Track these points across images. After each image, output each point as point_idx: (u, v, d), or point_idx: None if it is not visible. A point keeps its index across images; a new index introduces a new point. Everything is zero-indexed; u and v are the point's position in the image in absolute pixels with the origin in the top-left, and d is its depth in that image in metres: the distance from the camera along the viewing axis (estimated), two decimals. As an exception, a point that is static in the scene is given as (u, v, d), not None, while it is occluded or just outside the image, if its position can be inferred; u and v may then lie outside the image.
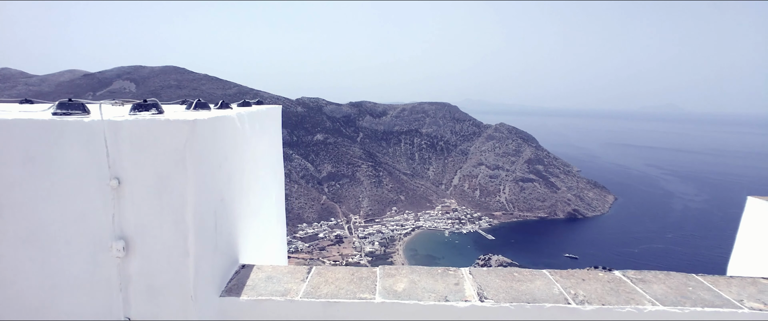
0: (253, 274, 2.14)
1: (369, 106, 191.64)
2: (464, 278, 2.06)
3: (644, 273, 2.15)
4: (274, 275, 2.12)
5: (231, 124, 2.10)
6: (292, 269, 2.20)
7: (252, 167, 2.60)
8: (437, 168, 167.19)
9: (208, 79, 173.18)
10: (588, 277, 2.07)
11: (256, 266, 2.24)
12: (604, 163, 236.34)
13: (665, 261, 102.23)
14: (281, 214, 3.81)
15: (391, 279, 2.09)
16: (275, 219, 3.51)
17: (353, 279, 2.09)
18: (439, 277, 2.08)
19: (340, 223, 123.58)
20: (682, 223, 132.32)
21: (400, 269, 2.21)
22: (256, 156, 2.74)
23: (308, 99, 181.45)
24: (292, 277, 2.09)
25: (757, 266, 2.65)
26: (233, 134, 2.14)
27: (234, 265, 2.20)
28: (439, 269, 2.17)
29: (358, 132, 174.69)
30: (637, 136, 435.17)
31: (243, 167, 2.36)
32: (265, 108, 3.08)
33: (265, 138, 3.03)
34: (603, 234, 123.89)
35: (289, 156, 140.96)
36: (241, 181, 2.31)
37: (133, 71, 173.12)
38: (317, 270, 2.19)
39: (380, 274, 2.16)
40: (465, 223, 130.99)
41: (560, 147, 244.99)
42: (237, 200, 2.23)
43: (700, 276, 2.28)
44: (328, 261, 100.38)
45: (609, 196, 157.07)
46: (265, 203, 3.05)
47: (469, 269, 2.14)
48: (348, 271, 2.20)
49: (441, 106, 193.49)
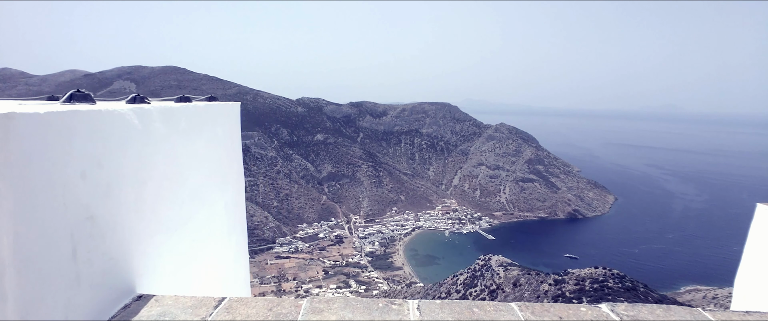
0: (145, 309, 1.76)
1: (369, 106, 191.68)
2: (408, 315, 1.71)
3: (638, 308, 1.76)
4: (171, 310, 1.76)
5: (110, 121, 1.71)
6: (198, 302, 1.84)
7: (169, 173, 2.19)
8: (437, 168, 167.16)
9: (208, 79, 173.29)
10: (567, 315, 1.71)
11: (156, 298, 1.86)
12: (604, 163, 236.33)
13: (665, 261, 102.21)
14: (235, 229, 3.25)
15: (318, 316, 1.72)
16: (222, 235, 2.97)
17: (270, 315, 1.74)
18: (378, 314, 1.72)
19: (340, 224, 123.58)
20: (682, 223, 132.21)
21: (331, 303, 1.84)
22: (179, 160, 2.32)
23: (308, 99, 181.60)
24: (194, 312, 1.74)
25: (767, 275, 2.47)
26: (116, 133, 1.75)
27: (124, 296, 1.82)
28: (381, 302, 1.81)
29: (359, 132, 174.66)
30: (637, 136, 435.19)
31: (146, 175, 1.96)
32: (198, 105, 2.63)
33: (200, 140, 2.59)
34: (603, 234, 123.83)
35: (290, 156, 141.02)
36: (138, 192, 1.90)
37: (133, 71, 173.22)
38: (229, 303, 1.83)
39: (306, 309, 1.79)
40: (465, 223, 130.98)
41: (561, 147, 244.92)
42: (127, 216, 1.82)
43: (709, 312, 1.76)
44: (329, 261, 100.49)
45: (609, 196, 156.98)
46: (199, 217, 2.59)
47: (418, 303, 1.80)
48: (266, 304, 1.84)
49: (441, 106, 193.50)
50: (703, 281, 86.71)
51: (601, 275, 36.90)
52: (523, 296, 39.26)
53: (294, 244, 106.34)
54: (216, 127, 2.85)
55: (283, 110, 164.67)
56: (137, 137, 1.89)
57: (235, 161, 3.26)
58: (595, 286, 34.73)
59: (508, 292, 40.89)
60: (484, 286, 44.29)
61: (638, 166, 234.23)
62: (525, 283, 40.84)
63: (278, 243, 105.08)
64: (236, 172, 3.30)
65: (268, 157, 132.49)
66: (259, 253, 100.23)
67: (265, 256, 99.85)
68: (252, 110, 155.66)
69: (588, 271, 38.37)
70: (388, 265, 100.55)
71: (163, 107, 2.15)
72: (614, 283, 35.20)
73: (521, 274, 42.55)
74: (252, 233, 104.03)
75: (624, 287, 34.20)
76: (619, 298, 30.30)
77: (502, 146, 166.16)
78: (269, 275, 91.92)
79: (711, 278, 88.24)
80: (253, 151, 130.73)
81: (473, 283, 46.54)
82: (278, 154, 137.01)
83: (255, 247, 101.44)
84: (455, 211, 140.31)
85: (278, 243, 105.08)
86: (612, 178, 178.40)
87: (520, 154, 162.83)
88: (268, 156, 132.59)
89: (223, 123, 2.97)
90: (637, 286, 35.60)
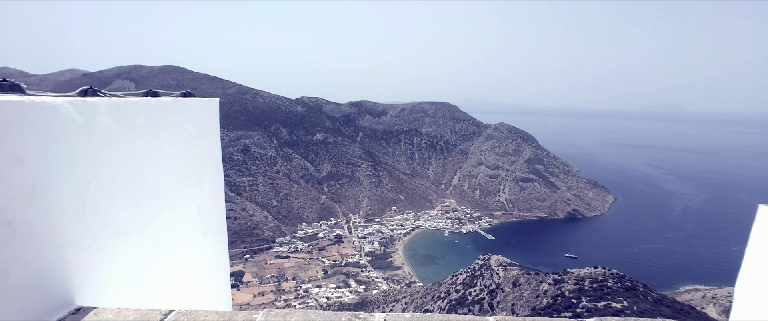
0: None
1: (369, 105, 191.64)
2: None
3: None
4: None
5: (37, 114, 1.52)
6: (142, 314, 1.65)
7: (121, 173, 2.02)
8: (437, 168, 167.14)
9: (207, 78, 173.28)
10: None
11: (95, 311, 1.69)
12: (604, 162, 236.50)
13: (665, 261, 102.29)
14: (211, 233, 3.01)
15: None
16: (193, 240, 2.76)
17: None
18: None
19: (339, 223, 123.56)
20: (681, 223, 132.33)
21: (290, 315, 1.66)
22: (135, 159, 2.12)
23: (308, 99, 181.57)
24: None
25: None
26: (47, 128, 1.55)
27: (59, 309, 1.63)
28: (345, 316, 1.63)
29: (358, 132, 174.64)
30: (637, 136, 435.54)
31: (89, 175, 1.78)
32: (163, 101, 2.41)
33: (164, 137, 2.38)
34: (603, 234, 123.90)
35: (289, 155, 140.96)
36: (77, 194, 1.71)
37: (132, 71, 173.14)
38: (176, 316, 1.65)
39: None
40: (465, 222, 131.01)
41: (560, 146, 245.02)
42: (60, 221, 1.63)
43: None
44: (328, 260, 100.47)
45: (609, 195, 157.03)
46: (162, 220, 2.38)
47: (385, 316, 1.63)
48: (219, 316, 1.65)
49: (441, 106, 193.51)
50: (703, 281, 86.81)
51: (601, 275, 36.88)
52: (523, 296, 39.24)
53: (293, 244, 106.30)
54: (187, 124, 2.63)
55: (282, 110, 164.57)
56: (77, 133, 1.70)
57: (211, 160, 3.00)
58: (595, 285, 34.70)
59: (508, 292, 40.85)
60: (484, 286, 44.25)
61: (638, 166, 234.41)
62: (524, 283, 40.81)
63: (278, 242, 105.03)
64: (213, 172, 3.03)
65: (268, 156, 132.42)
66: (258, 253, 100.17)
67: (265, 255, 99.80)
68: (251, 109, 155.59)
69: (587, 271, 38.36)
70: (388, 264, 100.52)
71: (114, 101, 1.97)
72: (613, 282, 35.17)
73: (521, 274, 42.52)
74: (251, 233, 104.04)
75: (623, 287, 34.16)
76: (618, 298, 30.30)
77: (501, 146, 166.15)
78: (269, 275, 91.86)
79: (710, 278, 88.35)
80: (252, 151, 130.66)
81: (473, 283, 46.50)
82: (278, 153, 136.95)
83: (254, 246, 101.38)
84: (455, 210, 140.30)
85: (278, 242, 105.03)
86: (612, 178, 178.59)
87: (520, 153, 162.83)
88: (267, 155, 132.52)
89: (197, 120, 2.73)
90: (637, 285, 35.55)
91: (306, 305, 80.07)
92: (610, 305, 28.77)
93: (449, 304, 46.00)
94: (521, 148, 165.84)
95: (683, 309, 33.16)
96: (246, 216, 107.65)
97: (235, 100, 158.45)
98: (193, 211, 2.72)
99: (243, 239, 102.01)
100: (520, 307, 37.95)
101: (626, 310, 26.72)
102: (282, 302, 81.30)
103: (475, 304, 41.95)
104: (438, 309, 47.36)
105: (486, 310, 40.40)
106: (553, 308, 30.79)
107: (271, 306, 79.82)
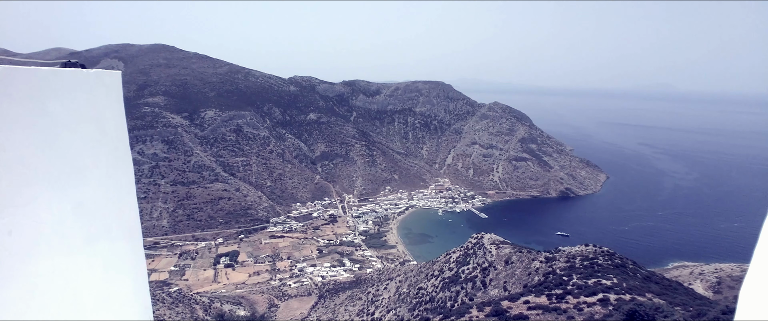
0: None
1: (362, 84, 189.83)
2: None
3: None
4: None
5: None
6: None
7: None
8: (431, 147, 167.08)
9: (198, 57, 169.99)
10: None
11: None
12: (597, 142, 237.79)
13: (655, 239, 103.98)
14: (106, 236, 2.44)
15: None
16: (74, 245, 2.22)
17: None
18: None
19: (334, 203, 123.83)
20: (672, 201, 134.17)
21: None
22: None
23: (301, 78, 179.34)
24: None
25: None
26: None
27: None
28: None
29: (352, 111, 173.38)
30: (630, 115, 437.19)
31: None
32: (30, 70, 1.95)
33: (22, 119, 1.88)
34: (594, 212, 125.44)
35: (282, 135, 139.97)
36: None
37: (120, 49, 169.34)
38: None
39: None
40: (458, 201, 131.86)
41: (554, 126, 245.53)
42: None
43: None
44: (323, 240, 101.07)
45: (601, 174, 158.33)
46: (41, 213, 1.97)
47: None
48: None
49: (435, 85, 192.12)
50: (691, 258, 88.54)
51: (592, 253, 37.25)
52: (515, 273, 39.67)
53: (288, 224, 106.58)
54: (68, 103, 2.06)
55: (275, 89, 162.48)
56: None
57: (107, 147, 2.35)
58: (585, 263, 35.07)
59: (500, 270, 41.27)
60: (477, 264, 44.67)
61: (631, 145, 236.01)
62: (516, 261, 41.21)
63: (272, 222, 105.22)
64: (108, 162, 2.40)
65: (261, 136, 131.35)
66: (253, 233, 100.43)
67: (259, 235, 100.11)
68: (244, 89, 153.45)
69: (578, 249, 38.73)
70: (382, 243, 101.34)
71: None
72: (604, 260, 35.55)
73: (513, 252, 42.90)
74: (245, 213, 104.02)
75: (613, 264, 34.56)
76: (608, 275, 30.64)
77: (495, 125, 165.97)
78: (263, 255, 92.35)
79: (698, 255, 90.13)
80: (245, 131, 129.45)
81: (466, 261, 46.93)
82: (271, 133, 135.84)
83: (249, 226, 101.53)
84: (448, 189, 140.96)
85: (272, 222, 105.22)
86: (604, 157, 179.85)
87: (514, 132, 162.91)
88: (260, 135, 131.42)
89: (85, 98, 2.16)
90: (626, 263, 35.99)
91: (301, 284, 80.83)
92: (601, 282, 29.10)
93: (443, 282, 46.51)
94: (515, 127, 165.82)
95: (671, 285, 33.68)
96: (240, 196, 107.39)
97: (226, 79, 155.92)
98: (68, 212, 2.13)
99: (237, 219, 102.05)
100: (512, 284, 38.41)
101: (616, 287, 27.03)
102: (277, 281, 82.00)
103: (468, 281, 42.40)
104: (432, 287, 47.90)
105: (479, 287, 40.87)
106: (544, 286, 31.14)
107: (266, 285, 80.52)
